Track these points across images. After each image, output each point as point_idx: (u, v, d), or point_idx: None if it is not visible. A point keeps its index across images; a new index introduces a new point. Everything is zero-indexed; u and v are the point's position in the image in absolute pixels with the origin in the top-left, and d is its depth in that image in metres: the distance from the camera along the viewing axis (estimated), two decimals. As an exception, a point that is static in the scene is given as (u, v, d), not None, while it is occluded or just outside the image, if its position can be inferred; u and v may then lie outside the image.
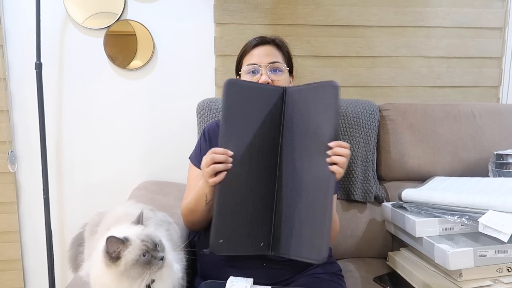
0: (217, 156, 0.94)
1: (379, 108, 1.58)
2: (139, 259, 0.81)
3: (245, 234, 0.96)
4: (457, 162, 1.53)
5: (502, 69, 1.80)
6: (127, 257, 0.80)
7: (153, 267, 0.82)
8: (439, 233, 1.12)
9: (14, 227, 1.68)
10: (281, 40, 1.24)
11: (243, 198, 0.96)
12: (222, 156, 0.94)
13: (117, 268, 0.80)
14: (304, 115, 0.97)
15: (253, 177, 0.97)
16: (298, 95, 0.99)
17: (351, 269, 1.36)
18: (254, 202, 0.97)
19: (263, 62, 1.16)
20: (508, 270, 1.05)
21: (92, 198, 1.72)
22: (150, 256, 0.82)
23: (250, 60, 1.19)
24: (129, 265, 0.80)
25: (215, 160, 0.94)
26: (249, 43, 1.22)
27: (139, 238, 0.83)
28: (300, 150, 0.97)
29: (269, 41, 1.21)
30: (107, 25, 1.62)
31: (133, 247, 0.81)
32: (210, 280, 1.01)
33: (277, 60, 1.17)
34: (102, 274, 0.82)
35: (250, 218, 0.97)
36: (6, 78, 1.61)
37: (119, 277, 0.81)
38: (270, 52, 1.18)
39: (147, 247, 0.82)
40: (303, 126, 0.97)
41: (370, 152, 1.53)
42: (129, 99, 1.69)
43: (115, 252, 0.80)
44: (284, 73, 1.18)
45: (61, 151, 1.69)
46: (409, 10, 1.72)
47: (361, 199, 1.50)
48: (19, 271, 1.71)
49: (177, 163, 1.70)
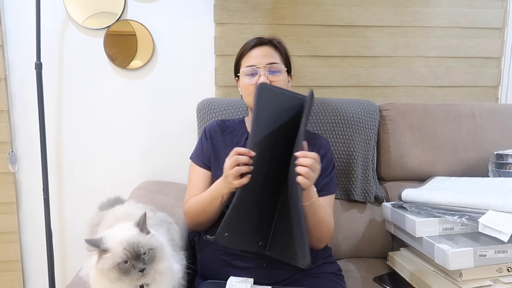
0: (242, 158, 0.94)
1: (379, 108, 1.58)
2: (117, 266, 0.80)
3: (249, 231, 0.98)
4: (457, 162, 1.53)
5: (501, 69, 1.80)
6: (104, 261, 0.80)
7: (130, 276, 0.80)
8: (439, 233, 1.12)
9: (14, 227, 1.68)
10: (279, 40, 1.24)
11: (257, 198, 0.97)
12: (246, 158, 0.94)
13: (97, 266, 0.81)
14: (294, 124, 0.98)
15: (267, 179, 0.98)
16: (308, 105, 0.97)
17: (351, 269, 1.36)
18: (263, 203, 0.98)
19: (261, 63, 1.16)
20: (508, 270, 1.06)
21: (92, 198, 1.71)
22: (131, 265, 0.80)
23: (248, 61, 1.19)
24: (106, 269, 0.80)
25: (240, 161, 0.94)
26: (247, 44, 1.22)
27: (122, 245, 0.81)
28: None
29: (267, 42, 1.21)
30: (107, 25, 1.62)
31: (113, 254, 0.80)
32: (210, 280, 1.01)
33: (275, 61, 1.18)
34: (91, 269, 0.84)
35: (257, 217, 0.98)
36: (6, 78, 1.61)
37: (99, 275, 0.82)
38: (268, 53, 1.19)
39: (127, 256, 0.80)
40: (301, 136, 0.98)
41: (370, 152, 1.53)
42: (129, 99, 1.69)
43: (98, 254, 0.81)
44: (282, 74, 1.18)
45: (61, 151, 1.69)
46: (409, 10, 1.72)
47: (361, 199, 1.50)
48: (19, 271, 1.71)
49: (177, 163, 1.70)
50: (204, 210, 1.11)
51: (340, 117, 1.49)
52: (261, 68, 1.15)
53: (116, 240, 0.82)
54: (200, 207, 1.12)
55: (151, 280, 0.85)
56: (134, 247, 0.81)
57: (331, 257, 1.21)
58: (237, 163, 0.94)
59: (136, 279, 0.81)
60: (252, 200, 0.97)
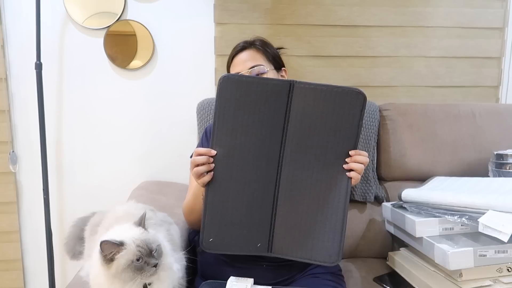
0: (198, 158, 0.93)
1: (379, 108, 1.58)
2: (131, 264, 0.80)
3: (238, 234, 0.95)
4: (457, 162, 1.53)
5: (501, 69, 1.80)
6: (119, 260, 0.81)
7: (144, 273, 0.81)
8: (439, 233, 1.12)
9: (14, 227, 1.68)
10: (262, 40, 1.26)
11: (235, 198, 0.94)
12: (203, 158, 0.93)
13: (109, 270, 0.81)
14: (317, 117, 0.92)
15: (248, 178, 0.94)
16: (311, 94, 0.91)
17: (351, 269, 1.36)
18: (249, 203, 0.95)
19: (244, 68, 1.19)
20: (508, 270, 1.05)
21: (92, 198, 1.72)
22: (144, 262, 0.81)
23: (234, 69, 1.23)
24: (121, 269, 0.80)
25: (196, 162, 0.93)
26: (233, 50, 1.26)
27: (135, 243, 0.82)
28: (308, 152, 0.94)
29: (248, 46, 1.24)
30: (107, 25, 1.62)
31: (127, 251, 0.81)
32: (210, 280, 1.01)
33: (257, 63, 1.20)
34: (98, 274, 0.83)
35: (244, 218, 0.95)
36: (6, 78, 1.61)
37: (111, 279, 0.82)
38: (250, 56, 1.22)
39: (141, 253, 0.81)
40: (314, 128, 0.93)
41: (370, 152, 1.53)
42: (129, 99, 1.69)
43: (109, 255, 0.81)
44: (267, 74, 1.20)
45: (61, 151, 1.69)
46: (409, 10, 1.72)
47: (361, 199, 1.50)
48: (19, 271, 1.71)
49: (177, 163, 1.70)
50: (192, 208, 1.13)
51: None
52: (245, 73, 1.18)
53: (127, 238, 0.83)
54: (189, 206, 1.15)
55: (155, 278, 0.85)
56: (147, 244, 0.83)
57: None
58: (195, 164, 0.93)
59: (150, 275, 0.82)
60: (227, 201, 0.94)
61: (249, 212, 0.95)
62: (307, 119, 0.92)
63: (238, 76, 0.98)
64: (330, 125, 0.92)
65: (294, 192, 0.95)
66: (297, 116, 0.92)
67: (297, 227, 0.95)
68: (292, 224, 0.95)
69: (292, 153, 0.94)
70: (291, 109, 0.92)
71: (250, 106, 0.91)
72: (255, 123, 0.92)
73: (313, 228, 0.95)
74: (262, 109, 0.92)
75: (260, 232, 0.96)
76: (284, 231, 0.96)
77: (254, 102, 0.91)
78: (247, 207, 0.95)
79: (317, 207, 0.94)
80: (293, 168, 0.95)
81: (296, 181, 0.95)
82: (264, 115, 0.92)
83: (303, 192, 0.95)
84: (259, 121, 0.92)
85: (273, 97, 0.91)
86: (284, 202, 0.96)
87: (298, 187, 0.95)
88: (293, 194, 0.95)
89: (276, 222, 0.96)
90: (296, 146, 0.94)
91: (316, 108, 0.91)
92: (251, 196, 0.95)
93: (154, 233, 0.89)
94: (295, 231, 0.95)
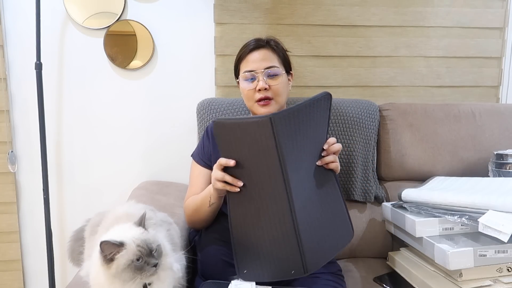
0: (228, 177, 0.95)
1: (379, 108, 1.58)
2: (131, 264, 0.81)
3: (269, 264, 0.95)
4: (457, 162, 1.53)
5: (502, 69, 1.80)
6: (119, 260, 0.81)
7: (144, 273, 0.82)
8: (439, 233, 1.12)
9: (14, 227, 1.68)
10: (276, 41, 1.25)
11: (255, 234, 0.96)
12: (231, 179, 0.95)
13: (109, 270, 0.81)
14: (302, 134, 0.94)
15: (264, 211, 0.94)
16: (290, 119, 0.91)
17: (351, 269, 1.36)
18: (269, 234, 0.95)
19: (259, 68, 1.18)
20: (508, 270, 1.05)
21: (92, 198, 1.72)
22: (144, 262, 0.82)
23: (246, 66, 1.21)
24: (121, 269, 0.80)
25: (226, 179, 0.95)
26: (245, 47, 1.23)
27: (135, 242, 0.82)
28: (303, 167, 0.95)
29: (264, 44, 1.22)
30: (107, 25, 1.61)
31: (127, 251, 0.81)
32: (210, 280, 1.01)
33: (273, 65, 1.19)
34: (98, 274, 0.84)
35: (269, 251, 0.95)
36: (6, 78, 1.61)
37: (111, 279, 0.82)
38: (265, 56, 1.20)
39: (141, 253, 0.82)
40: (303, 145, 0.94)
41: (370, 152, 1.53)
42: (129, 99, 1.69)
43: (109, 255, 0.81)
44: (280, 77, 1.20)
45: (61, 151, 1.69)
46: (409, 10, 1.72)
47: (361, 199, 1.50)
48: (19, 271, 1.71)
49: (177, 163, 1.70)
50: (197, 209, 1.15)
51: (340, 117, 1.49)
52: (259, 73, 1.17)
53: (127, 238, 0.83)
54: (194, 206, 1.16)
55: (154, 278, 0.85)
56: (147, 244, 0.83)
57: (331, 257, 1.21)
58: (224, 179, 0.95)
59: (149, 275, 0.82)
60: (257, 237, 0.95)
61: (273, 242, 0.94)
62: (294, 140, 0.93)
63: (224, 120, 0.96)
64: (311, 134, 0.97)
65: (306, 205, 0.95)
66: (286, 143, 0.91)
67: (319, 235, 0.96)
68: (315, 235, 0.96)
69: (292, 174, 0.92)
70: (279, 138, 0.89)
71: (243, 142, 0.93)
72: (253, 157, 0.93)
73: (331, 226, 0.99)
74: (254, 143, 0.92)
75: (291, 257, 0.93)
76: (312, 246, 0.94)
77: (245, 138, 0.92)
78: (270, 240, 0.95)
79: (326, 207, 0.98)
80: (299, 186, 0.93)
81: (304, 195, 0.95)
82: (259, 148, 0.91)
83: (312, 201, 0.96)
84: (256, 154, 0.93)
85: (259, 133, 0.90)
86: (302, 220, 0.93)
87: (307, 199, 0.95)
88: (306, 207, 0.95)
89: (302, 241, 0.92)
90: (294, 166, 0.93)
91: (298, 128, 0.94)
92: (273, 230, 0.94)
93: (154, 233, 0.89)
94: (320, 239, 0.96)
